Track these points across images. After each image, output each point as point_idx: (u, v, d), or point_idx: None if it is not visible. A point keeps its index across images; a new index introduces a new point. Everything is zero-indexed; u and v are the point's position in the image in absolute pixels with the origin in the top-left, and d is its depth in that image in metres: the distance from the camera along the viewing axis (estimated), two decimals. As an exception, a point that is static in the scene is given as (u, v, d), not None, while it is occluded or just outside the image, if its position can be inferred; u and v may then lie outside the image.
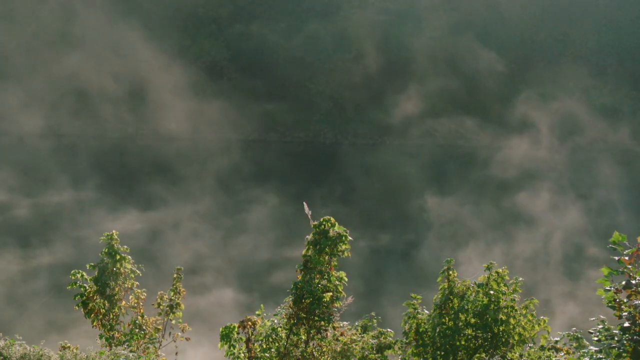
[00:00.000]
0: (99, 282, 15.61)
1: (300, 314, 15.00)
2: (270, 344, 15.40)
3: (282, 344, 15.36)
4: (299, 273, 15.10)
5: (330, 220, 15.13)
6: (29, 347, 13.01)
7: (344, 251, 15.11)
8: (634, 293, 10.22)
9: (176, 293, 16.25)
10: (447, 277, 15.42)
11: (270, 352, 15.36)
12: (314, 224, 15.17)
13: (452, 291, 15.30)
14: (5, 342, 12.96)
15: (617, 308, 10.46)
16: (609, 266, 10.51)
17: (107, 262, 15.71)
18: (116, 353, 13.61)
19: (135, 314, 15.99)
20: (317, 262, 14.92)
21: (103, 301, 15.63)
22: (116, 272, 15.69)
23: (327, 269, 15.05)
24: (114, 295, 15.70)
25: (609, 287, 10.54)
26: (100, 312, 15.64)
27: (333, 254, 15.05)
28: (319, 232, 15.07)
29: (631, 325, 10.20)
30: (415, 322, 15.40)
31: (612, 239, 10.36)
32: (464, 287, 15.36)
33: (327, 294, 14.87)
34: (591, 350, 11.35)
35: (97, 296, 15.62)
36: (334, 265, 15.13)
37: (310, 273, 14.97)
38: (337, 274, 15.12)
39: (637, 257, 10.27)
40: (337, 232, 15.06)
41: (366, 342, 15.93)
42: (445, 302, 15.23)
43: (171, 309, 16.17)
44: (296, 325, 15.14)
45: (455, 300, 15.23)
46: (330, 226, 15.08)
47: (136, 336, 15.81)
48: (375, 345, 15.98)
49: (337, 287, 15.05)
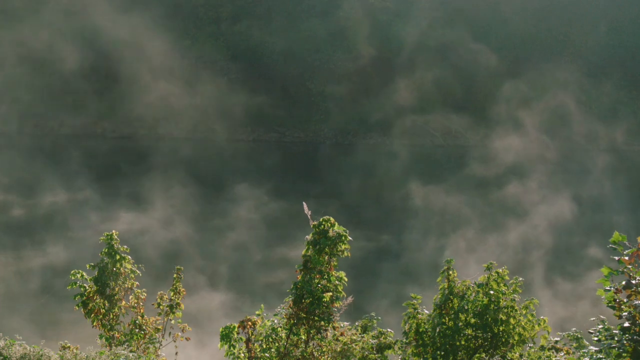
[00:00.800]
0: (98, 282, 15.63)
1: (300, 314, 15.02)
2: (270, 344, 15.41)
3: (282, 344, 15.38)
4: (299, 273, 15.12)
5: (330, 220, 15.15)
6: (29, 347, 13.02)
7: (343, 251, 15.14)
8: (634, 293, 10.22)
9: (176, 293, 16.27)
10: (447, 277, 15.44)
11: (270, 352, 15.38)
12: (313, 224, 15.19)
13: (452, 291, 15.32)
14: (5, 342, 12.97)
15: (617, 308, 10.46)
16: (609, 266, 10.51)
17: (107, 262, 15.73)
18: (116, 353, 13.62)
19: (135, 314, 16.00)
20: (316, 262, 14.94)
21: (103, 301, 15.65)
22: (116, 272, 15.71)
23: (326, 269, 15.07)
24: (114, 295, 15.71)
25: (609, 287, 10.54)
26: (100, 312, 15.65)
27: (333, 254, 15.07)
28: (318, 232, 15.09)
29: (631, 325, 10.20)
30: (415, 322, 15.41)
31: (612, 239, 10.36)
32: (464, 287, 15.37)
33: (327, 294, 14.89)
34: (591, 350, 11.35)
35: (97, 296, 15.63)
36: (334, 265, 15.15)
37: (310, 273, 14.99)
38: (336, 274, 15.14)
39: (637, 257, 10.27)
40: (336, 232, 15.08)
41: (366, 342, 15.95)
42: (445, 302, 15.24)
43: (171, 309, 16.18)
44: (296, 325, 15.15)
45: (455, 300, 15.24)
46: (330, 226, 15.10)
47: (136, 336, 15.83)
48: (375, 345, 15.99)
49: (337, 287, 15.07)
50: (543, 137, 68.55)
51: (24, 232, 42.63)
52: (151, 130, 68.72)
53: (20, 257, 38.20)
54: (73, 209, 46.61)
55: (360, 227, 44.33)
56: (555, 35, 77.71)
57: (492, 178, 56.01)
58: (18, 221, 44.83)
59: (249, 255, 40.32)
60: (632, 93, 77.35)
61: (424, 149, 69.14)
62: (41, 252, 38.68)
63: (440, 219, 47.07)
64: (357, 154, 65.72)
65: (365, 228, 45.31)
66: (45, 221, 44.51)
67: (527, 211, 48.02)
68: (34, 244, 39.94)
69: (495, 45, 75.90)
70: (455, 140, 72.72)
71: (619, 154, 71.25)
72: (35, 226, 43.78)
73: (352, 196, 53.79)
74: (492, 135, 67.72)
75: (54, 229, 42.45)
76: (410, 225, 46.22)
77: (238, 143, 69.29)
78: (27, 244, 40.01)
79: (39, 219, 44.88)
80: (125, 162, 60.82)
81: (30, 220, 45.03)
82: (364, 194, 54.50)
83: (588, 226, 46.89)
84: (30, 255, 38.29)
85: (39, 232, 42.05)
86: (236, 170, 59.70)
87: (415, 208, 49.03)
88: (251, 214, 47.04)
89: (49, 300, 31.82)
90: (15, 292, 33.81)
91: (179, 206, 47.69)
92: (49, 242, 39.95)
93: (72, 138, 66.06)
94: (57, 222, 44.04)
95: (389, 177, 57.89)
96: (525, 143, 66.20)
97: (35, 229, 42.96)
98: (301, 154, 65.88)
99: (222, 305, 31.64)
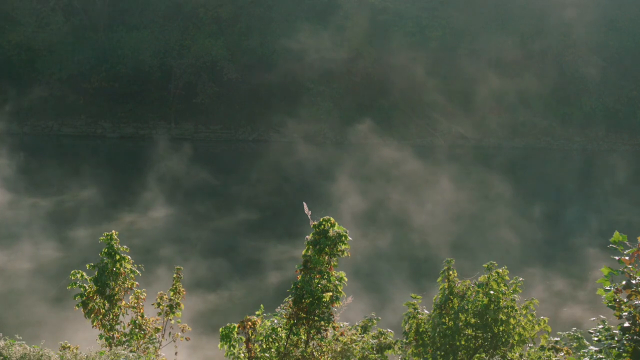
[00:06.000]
0: (98, 282, 15.62)
1: (300, 314, 15.02)
2: (270, 344, 15.41)
3: (282, 344, 15.37)
4: (299, 273, 15.12)
5: (330, 221, 15.15)
6: (29, 347, 13.01)
7: (343, 251, 15.14)
8: (634, 293, 10.22)
9: (176, 293, 16.26)
10: (447, 277, 15.45)
11: (270, 352, 15.37)
12: (313, 224, 15.19)
13: (452, 291, 15.32)
14: (5, 342, 12.96)
15: (617, 308, 10.46)
16: (609, 266, 10.51)
17: (107, 262, 15.72)
18: (116, 353, 13.61)
19: (135, 314, 15.99)
20: (316, 262, 14.94)
21: (103, 301, 15.64)
22: (116, 272, 15.70)
23: (326, 269, 15.07)
24: (114, 295, 15.70)
25: (609, 287, 10.53)
26: (100, 312, 15.64)
27: (333, 254, 15.07)
28: (318, 232, 15.09)
29: (631, 325, 10.20)
30: (415, 322, 15.41)
31: (613, 239, 10.35)
32: (464, 287, 15.38)
33: (327, 294, 14.89)
34: (591, 350, 11.35)
35: (97, 296, 15.62)
36: (334, 265, 15.15)
37: (310, 273, 14.99)
38: (336, 274, 15.14)
39: (637, 257, 10.27)
40: (336, 232, 15.08)
41: (366, 342, 15.94)
42: (445, 302, 15.25)
43: (171, 309, 16.17)
44: (296, 325, 15.15)
45: (455, 300, 15.25)
46: (330, 226, 15.10)
47: (136, 336, 15.82)
48: (375, 345, 15.99)
49: (337, 287, 15.07)
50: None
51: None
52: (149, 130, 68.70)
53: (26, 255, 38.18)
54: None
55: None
56: (555, 34, 77.78)
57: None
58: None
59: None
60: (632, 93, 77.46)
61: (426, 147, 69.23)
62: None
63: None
64: (356, 152, 65.72)
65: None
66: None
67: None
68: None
69: (496, 47, 76.03)
70: (465, 141, 72.80)
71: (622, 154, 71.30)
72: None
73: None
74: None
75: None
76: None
77: (238, 143, 69.37)
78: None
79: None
80: (119, 161, 60.69)
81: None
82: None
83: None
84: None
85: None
86: (238, 170, 59.60)
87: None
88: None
89: (50, 301, 31.82)
90: (15, 292, 33.80)
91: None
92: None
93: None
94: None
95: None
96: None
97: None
98: (301, 154, 65.81)
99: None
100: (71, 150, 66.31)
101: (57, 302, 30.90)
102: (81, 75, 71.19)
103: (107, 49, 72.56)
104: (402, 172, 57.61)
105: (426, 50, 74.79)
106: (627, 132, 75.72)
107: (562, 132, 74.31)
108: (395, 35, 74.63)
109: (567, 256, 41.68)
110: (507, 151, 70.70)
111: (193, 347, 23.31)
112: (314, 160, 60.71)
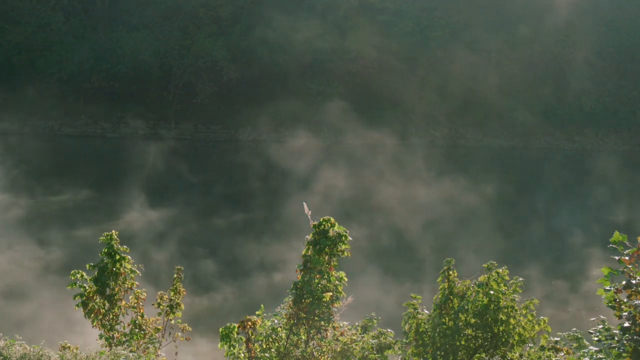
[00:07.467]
0: (98, 282, 15.61)
1: (300, 314, 15.01)
2: (270, 344, 15.40)
3: (282, 344, 15.37)
4: (299, 273, 15.12)
5: (330, 221, 15.15)
6: (29, 347, 13.00)
7: (343, 251, 15.14)
8: (634, 293, 10.22)
9: (176, 293, 16.25)
10: (447, 277, 15.44)
11: (270, 352, 15.37)
12: (313, 224, 15.19)
13: (452, 291, 15.31)
14: (5, 342, 12.96)
15: (617, 308, 10.46)
16: (609, 266, 10.51)
17: (107, 262, 15.71)
18: (116, 353, 13.61)
19: (135, 314, 15.98)
20: (316, 262, 14.94)
21: (103, 301, 15.63)
22: (116, 272, 15.69)
23: (326, 269, 15.07)
24: (113, 295, 15.69)
25: (609, 287, 10.53)
26: (100, 312, 15.63)
27: (333, 254, 15.07)
28: (318, 232, 15.09)
29: (631, 325, 10.20)
30: (415, 322, 15.41)
31: (613, 239, 10.36)
32: (464, 287, 15.37)
33: (327, 294, 14.89)
34: (591, 350, 11.35)
35: (97, 296, 15.61)
36: (334, 265, 15.15)
37: (310, 273, 14.99)
38: (336, 274, 15.14)
39: (637, 257, 10.27)
40: (336, 232, 15.09)
41: (366, 342, 15.93)
42: (445, 302, 15.24)
43: (171, 309, 16.17)
44: (296, 325, 15.15)
45: (455, 300, 15.24)
46: (330, 226, 15.10)
47: (136, 336, 15.80)
48: (375, 345, 15.98)
49: (337, 287, 15.08)
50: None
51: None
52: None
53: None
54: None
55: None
56: (555, 35, 77.72)
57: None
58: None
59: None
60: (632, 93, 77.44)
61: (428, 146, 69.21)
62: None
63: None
64: (354, 153, 65.69)
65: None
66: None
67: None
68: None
69: (495, 46, 76.01)
70: (465, 141, 72.81)
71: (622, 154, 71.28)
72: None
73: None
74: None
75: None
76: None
77: (238, 143, 69.34)
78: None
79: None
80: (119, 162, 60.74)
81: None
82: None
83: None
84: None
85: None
86: (237, 171, 59.54)
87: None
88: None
89: (48, 301, 31.81)
90: (15, 292, 33.79)
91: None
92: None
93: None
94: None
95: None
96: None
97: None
98: (300, 153, 65.75)
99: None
100: (71, 150, 66.28)
101: (57, 302, 30.88)
102: (81, 75, 71.05)
103: (107, 49, 72.44)
104: (402, 172, 57.56)
105: (426, 50, 74.79)
106: (627, 132, 75.75)
107: (562, 132, 74.31)
108: (395, 35, 74.62)
109: (567, 256, 41.65)
110: (506, 151, 70.70)
111: (193, 347, 23.30)
112: (314, 160, 60.63)
